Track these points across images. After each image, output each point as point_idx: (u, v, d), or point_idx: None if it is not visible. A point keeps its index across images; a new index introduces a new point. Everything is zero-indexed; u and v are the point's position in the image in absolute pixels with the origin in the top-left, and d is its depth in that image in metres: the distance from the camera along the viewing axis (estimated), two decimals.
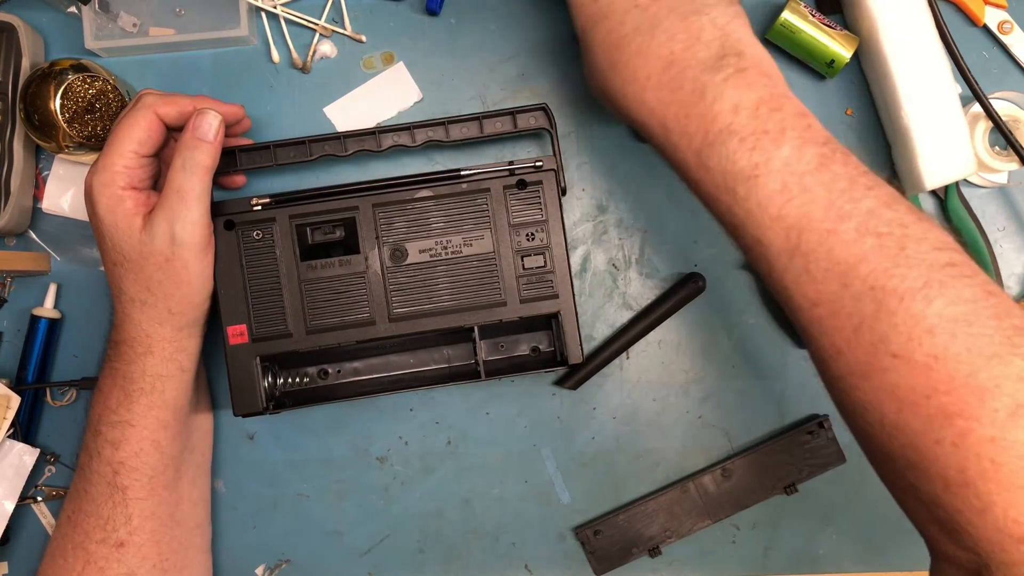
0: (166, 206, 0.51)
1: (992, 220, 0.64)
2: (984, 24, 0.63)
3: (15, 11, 0.61)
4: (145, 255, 0.51)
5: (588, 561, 0.64)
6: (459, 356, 0.60)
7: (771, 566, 0.65)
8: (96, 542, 0.53)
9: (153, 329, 0.53)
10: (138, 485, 0.54)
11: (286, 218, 0.56)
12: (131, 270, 0.52)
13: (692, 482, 0.63)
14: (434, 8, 0.62)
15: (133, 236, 0.51)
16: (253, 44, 0.63)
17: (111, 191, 0.51)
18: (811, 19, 0.60)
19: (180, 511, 0.57)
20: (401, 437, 0.64)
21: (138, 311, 0.52)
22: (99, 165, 0.51)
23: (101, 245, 0.53)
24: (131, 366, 0.53)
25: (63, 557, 0.54)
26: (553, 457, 0.64)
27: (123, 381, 0.53)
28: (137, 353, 0.53)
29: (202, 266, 0.52)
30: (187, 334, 0.54)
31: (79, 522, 0.54)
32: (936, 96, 0.58)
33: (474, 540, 0.64)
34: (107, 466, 0.53)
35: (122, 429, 0.53)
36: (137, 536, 0.54)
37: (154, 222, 0.51)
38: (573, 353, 0.56)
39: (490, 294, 0.56)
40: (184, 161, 0.51)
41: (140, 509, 0.54)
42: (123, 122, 0.52)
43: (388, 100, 0.63)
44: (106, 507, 0.53)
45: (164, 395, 0.54)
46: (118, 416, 0.53)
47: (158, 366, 0.53)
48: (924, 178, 0.59)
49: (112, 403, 0.53)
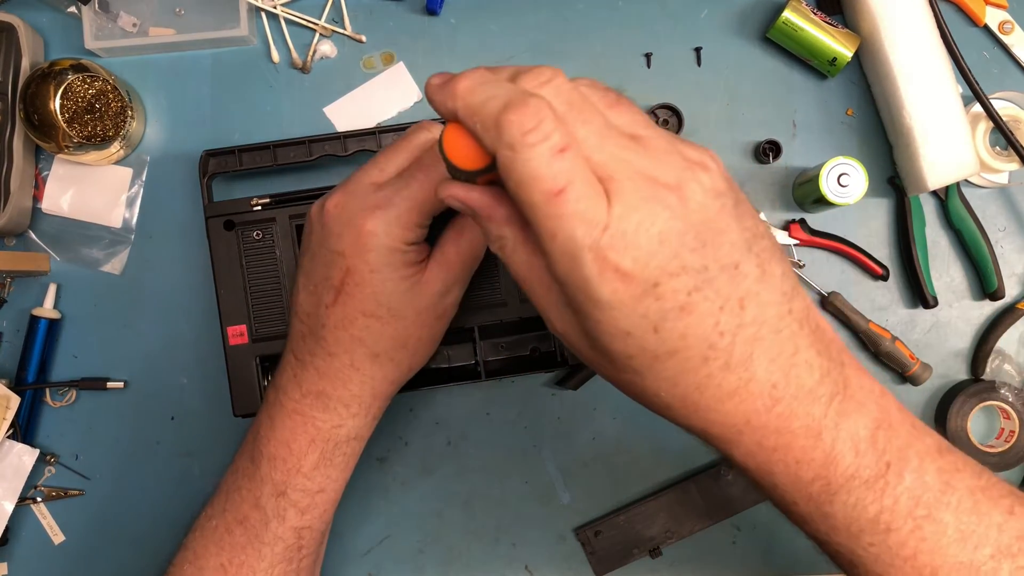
0: (458, 269, 0.47)
1: (992, 220, 0.64)
2: (985, 24, 0.63)
3: (15, 11, 0.61)
4: (420, 311, 0.47)
5: (588, 562, 0.64)
6: (459, 356, 0.60)
7: (771, 566, 0.65)
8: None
9: (381, 388, 0.49)
10: (313, 544, 0.51)
11: (286, 218, 0.56)
12: (391, 325, 0.46)
13: (692, 482, 0.63)
14: (434, 8, 0.62)
15: (406, 291, 0.46)
16: (253, 44, 0.63)
17: (395, 245, 0.45)
18: (812, 18, 0.60)
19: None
20: (401, 437, 0.64)
21: (378, 368, 0.48)
22: (391, 215, 0.44)
23: (351, 294, 0.46)
24: (339, 429, 0.48)
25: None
26: (553, 457, 0.64)
27: (324, 444, 0.48)
28: (351, 413, 0.48)
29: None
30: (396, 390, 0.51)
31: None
32: (938, 96, 0.58)
33: (474, 540, 0.64)
34: (291, 531, 0.49)
35: (313, 496, 0.49)
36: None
37: (439, 280, 0.47)
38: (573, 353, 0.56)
39: (490, 294, 0.55)
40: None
41: (307, 564, 0.51)
42: (435, 177, 0.44)
43: (388, 100, 0.63)
44: (279, 568, 0.49)
45: (356, 457, 0.50)
46: (313, 483, 0.49)
47: (364, 428, 0.49)
48: (926, 178, 0.59)
49: (307, 466, 0.48)
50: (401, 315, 0.46)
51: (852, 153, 0.63)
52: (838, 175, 0.60)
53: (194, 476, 0.63)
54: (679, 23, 0.64)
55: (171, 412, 0.63)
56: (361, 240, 0.44)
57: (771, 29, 0.61)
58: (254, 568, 0.49)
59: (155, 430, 0.63)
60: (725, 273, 0.32)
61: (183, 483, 0.63)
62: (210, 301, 0.59)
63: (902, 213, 0.63)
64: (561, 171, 0.30)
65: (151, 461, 0.63)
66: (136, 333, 0.63)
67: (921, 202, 0.63)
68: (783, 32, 0.60)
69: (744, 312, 0.33)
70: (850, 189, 0.60)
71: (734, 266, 0.32)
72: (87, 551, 0.63)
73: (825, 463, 0.35)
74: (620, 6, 0.64)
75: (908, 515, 0.36)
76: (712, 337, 0.33)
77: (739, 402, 0.34)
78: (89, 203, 0.63)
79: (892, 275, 0.64)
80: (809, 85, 0.64)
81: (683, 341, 0.32)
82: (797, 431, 0.35)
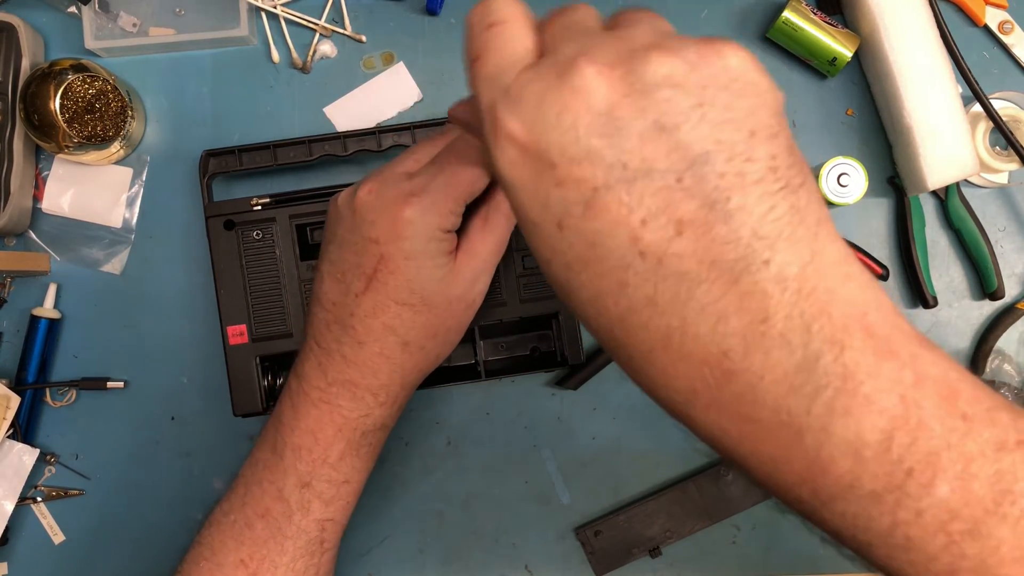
0: (486, 256, 0.47)
1: (992, 220, 0.64)
2: (985, 24, 0.63)
3: (15, 11, 0.61)
4: (451, 300, 0.46)
5: (588, 561, 0.64)
6: (459, 356, 0.60)
7: (771, 566, 0.65)
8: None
9: (410, 378, 0.48)
10: (334, 537, 0.50)
11: (286, 218, 0.56)
12: (423, 314, 0.46)
13: (692, 482, 0.63)
14: (434, 8, 0.62)
15: (439, 280, 0.45)
16: (253, 44, 0.63)
17: (431, 232, 0.44)
18: (812, 18, 0.60)
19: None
20: (401, 437, 0.64)
21: (408, 357, 0.47)
22: (427, 202, 0.44)
23: (384, 282, 0.45)
24: (367, 418, 0.47)
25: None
26: (553, 457, 0.64)
27: (351, 433, 0.47)
28: (379, 402, 0.47)
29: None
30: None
31: (260, 572, 0.48)
32: (938, 96, 0.58)
33: (474, 540, 0.64)
34: (314, 524, 0.48)
35: (339, 487, 0.48)
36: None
37: (469, 268, 0.47)
38: (573, 353, 0.56)
39: (490, 294, 0.55)
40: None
41: (328, 558, 0.50)
42: (468, 163, 0.44)
43: (388, 100, 0.63)
44: (302, 562, 0.48)
45: (381, 446, 0.50)
46: (340, 473, 0.48)
47: (390, 418, 0.49)
48: (927, 178, 0.59)
49: (333, 456, 0.47)
50: (433, 304, 0.46)
51: (852, 153, 0.63)
52: (838, 175, 0.60)
53: (194, 476, 0.63)
54: (679, 23, 0.64)
55: (171, 412, 0.64)
56: (397, 227, 0.44)
57: (771, 29, 0.61)
58: (276, 563, 0.48)
59: (155, 430, 0.63)
60: (654, 180, 0.26)
61: (183, 483, 0.63)
62: (210, 301, 0.59)
63: (902, 213, 0.63)
64: (485, 40, 0.29)
65: (151, 461, 0.64)
66: (136, 333, 0.63)
67: (921, 202, 0.63)
68: (783, 32, 0.60)
69: (681, 239, 0.26)
70: (850, 189, 0.60)
71: (675, 177, 0.26)
72: (87, 551, 0.63)
73: (809, 468, 0.27)
74: (620, 6, 0.64)
75: (939, 530, 0.27)
76: (628, 257, 0.26)
77: (676, 360, 0.27)
78: (89, 203, 0.63)
79: (892, 275, 0.64)
80: (809, 85, 0.64)
81: (592, 251, 0.27)
82: (766, 423, 0.27)
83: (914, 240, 0.62)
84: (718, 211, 0.26)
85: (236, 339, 0.55)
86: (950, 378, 0.27)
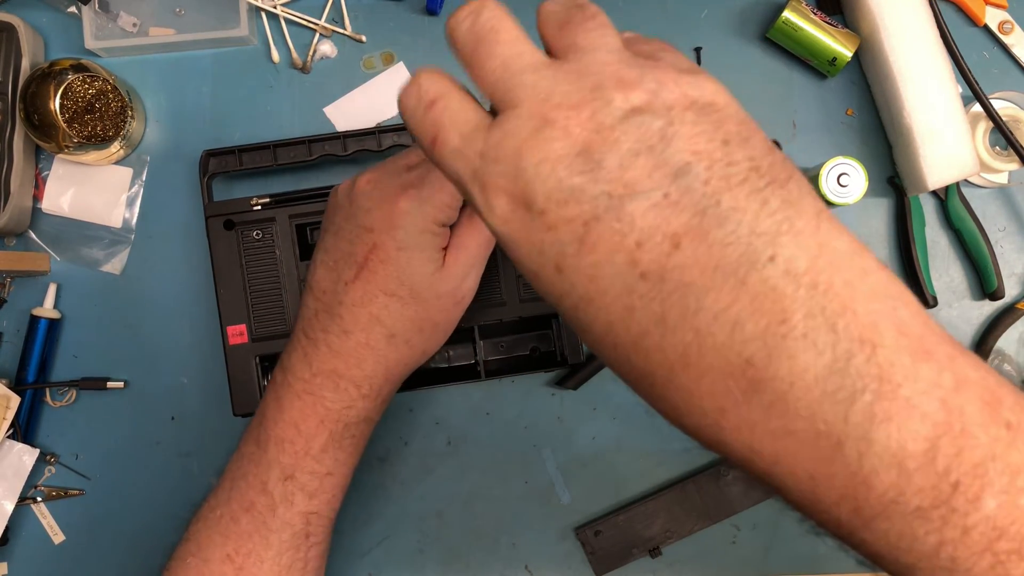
0: (475, 251, 0.47)
1: (992, 220, 0.64)
2: (985, 24, 0.63)
3: (15, 11, 0.61)
4: (440, 295, 0.47)
5: (588, 561, 0.64)
6: (459, 356, 0.60)
7: (771, 566, 0.65)
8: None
9: (394, 371, 0.48)
10: (321, 531, 0.50)
11: (286, 218, 0.56)
12: (411, 306, 0.46)
13: (692, 482, 0.63)
14: (434, 8, 0.62)
15: (430, 274, 0.46)
16: (253, 44, 0.63)
17: (425, 225, 0.45)
18: (812, 18, 0.60)
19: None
20: (401, 437, 0.64)
21: (392, 350, 0.47)
22: (424, 194, 0.45)
23: (374, 271, 0.46)
24: (349, 410, 0.47)
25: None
26: (553, 457, 0.64)
27: (334, 425, 0.47)
28: (362, 394, 0.47)
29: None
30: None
31: (246, 567, 0.48)
32: (938, 96, 0.58)
33: (474, 540, 0.64)
34: (298, 516, 0.48)
35: (322, 479, 0.48)
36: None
37: (458, 264, 0.47)
38: (573, 353, 0.56)
39: (490, 294, 0.55)
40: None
41: (316, 553, 0.50)
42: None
43: (388, 100, 0.63)
44: (287, 555, 0.48)
45: (365, 440, 0.50)
46: (322, 465, 0.48)
47: (374, 411, 0.49)
48: (927, 178, 0.59)
49: (315, 448, 0.47)
50: (421, 297, 0.46)
51: (852, 153, 0.63)
52: (838, 175, 0.60)
53: (194, 476, 0.63)
54: (679, 23, 0.64)
55: (171, 412, 0.64)
56: (393, 217, 0.45)
57: (771, 29, 0.61)
58: (261, 557, 0.48)
59: (155, 430, 0.63)
60: (641, 201, 0.26)
61: (183, 483, 0.63)
62: (210, 301, 0.59)
63: (902, 213, 0.63)
64: (432, 120, 0.30)
65: (151, 461, 0.63)
66: (136, 333, 0.63)
67: (921, 202, 0.63)
68: (783, 32, 0.60)
69: (680, 251, 0.25)
70: (850, 189, 0.60)
71: (661, 194, 0.26)
72: (87, 551, 0.63)
73: (850, 483, 0.25)
74: (620, 6, 0.64)
75: (986, 549, 0.25)
76: (630, 281, 0.26)
77: (697, 376, 0.26)
78: (89, 203, 0.63)
79: None
80: (809, 85, 0.64)
81: (594, 284, 0.26)
82: (802, 435, 0.25)
83: (914, 240, 0.62)
84: (711, 216, 0.25)
85: (236, 339, 0.55)
86: (990, 383, 0.26)
